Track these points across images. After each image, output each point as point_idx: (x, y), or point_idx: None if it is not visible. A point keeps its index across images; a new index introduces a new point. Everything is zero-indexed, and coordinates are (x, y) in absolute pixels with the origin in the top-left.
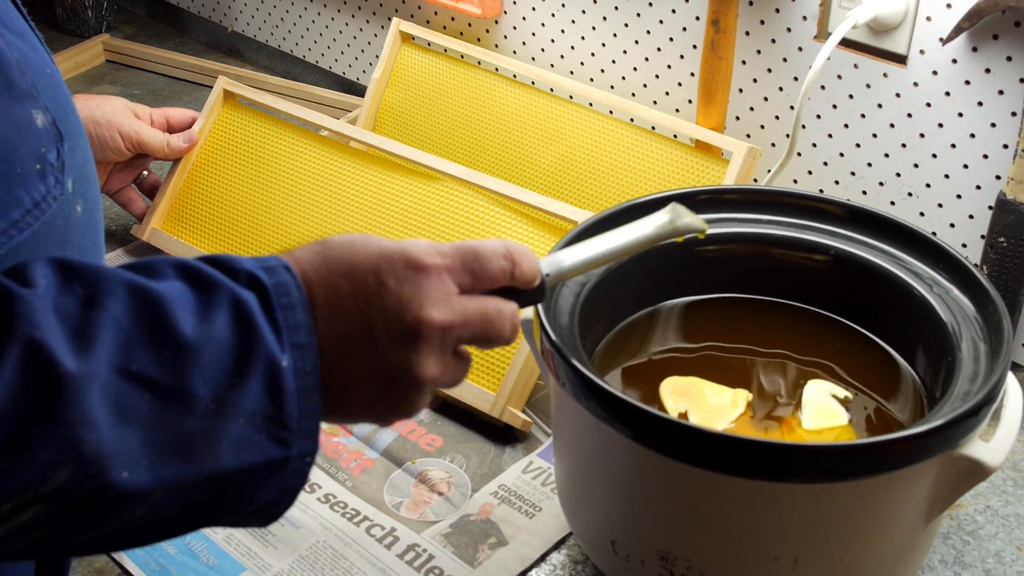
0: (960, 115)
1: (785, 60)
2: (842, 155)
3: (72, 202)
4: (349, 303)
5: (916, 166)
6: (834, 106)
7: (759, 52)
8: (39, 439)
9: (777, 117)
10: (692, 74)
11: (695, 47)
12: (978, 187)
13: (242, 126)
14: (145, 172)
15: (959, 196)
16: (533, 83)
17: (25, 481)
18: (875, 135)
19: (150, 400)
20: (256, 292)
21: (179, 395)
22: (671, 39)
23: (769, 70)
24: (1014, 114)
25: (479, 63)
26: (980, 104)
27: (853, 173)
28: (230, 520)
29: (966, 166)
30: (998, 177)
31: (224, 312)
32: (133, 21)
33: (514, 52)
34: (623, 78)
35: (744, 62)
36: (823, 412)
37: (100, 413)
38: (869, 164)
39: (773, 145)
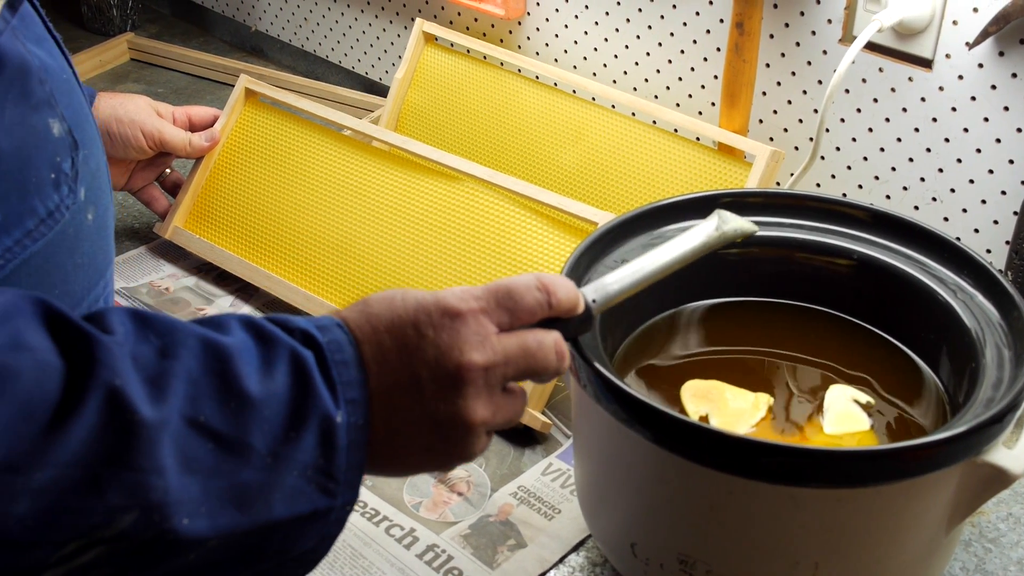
0: (986, 120)
1: (809, 63)
2: (866, 159)
3: (84, 210)
4: (394, 357)
5: (941, 171)
6: (858, 110)
7: (783, 55)
8: (111, 483)
9: (801, 120)
10: (715, 76)
11: (719, 49)
12: (1003, 192)
13: (264, 125)
14: (168, 170)
15: (984, 201)
16: (556, 84)
17: (93, 523)
18: (899, 139)
19: (213, 451)
20: (312, 350)
21: (240, 447)
22: (695, 41)
23: (793, 73)
24: None
25: (502, 64)
26: (1006, 109)
27: (877, 177)
28: (270, 567)
29: (991, 171)
30: (1023, 183)
31: (284, 368)
32: (157, 20)
33: (537, 53)
34: (646, 80)
35: (768, 65)
36: (844, 417)
37: (169, 461)
38: (893, 168)
39: (796, 148)
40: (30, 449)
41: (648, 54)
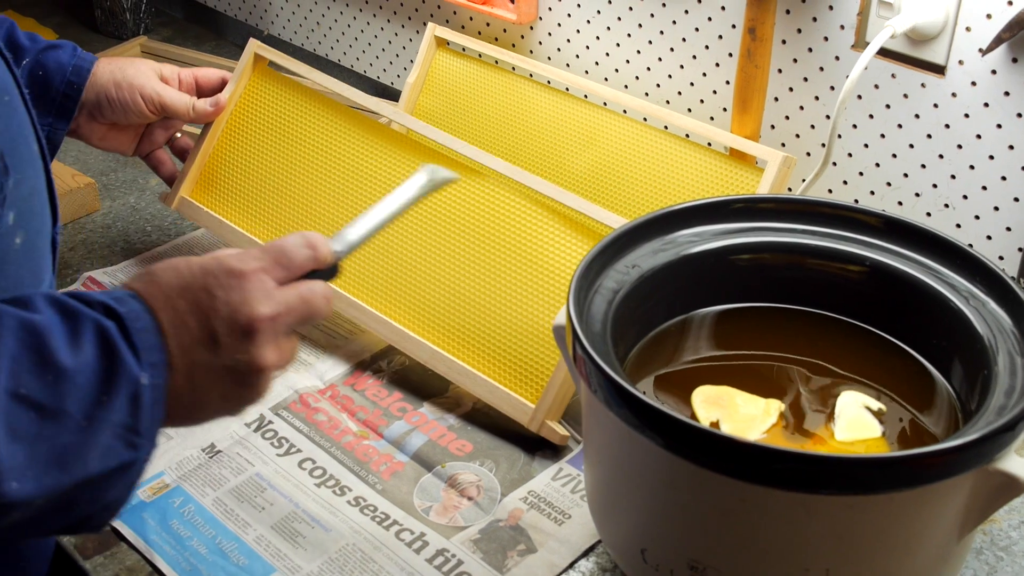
0: (999, 126)
1: (822, 69)
2: (878, 165)
3: (11, 235)
4: (190, 319)
5: (953, 177)
6: (871, 116)
7: (795, 61)
8: None
9: (813, 126)
10: (727, 82)
11: (731, 55)
12: (1016, 199)
13: (275, 95)
14: (178, 134)
15: (996, 208)
16: (567, 89)
17: None
18: (912, 145)
19: (35, 419)
20: (114, 320)
21: (58, 414)
22: (707, 47)
23: (805, 79)
24: None
25: (513, 69)
26: (1019, 115)
27: (889, 184)
28: (81, 516)
29: (1004, 178)
30: None
31: (91, 339)
32: (170, 24)
33: (548, 58)
34: (658, 85)
35: (780, 71)
36: (856, 424)
37: None
38: (905, 175)
39: (808, 154)
40: None
41: (660, 59)
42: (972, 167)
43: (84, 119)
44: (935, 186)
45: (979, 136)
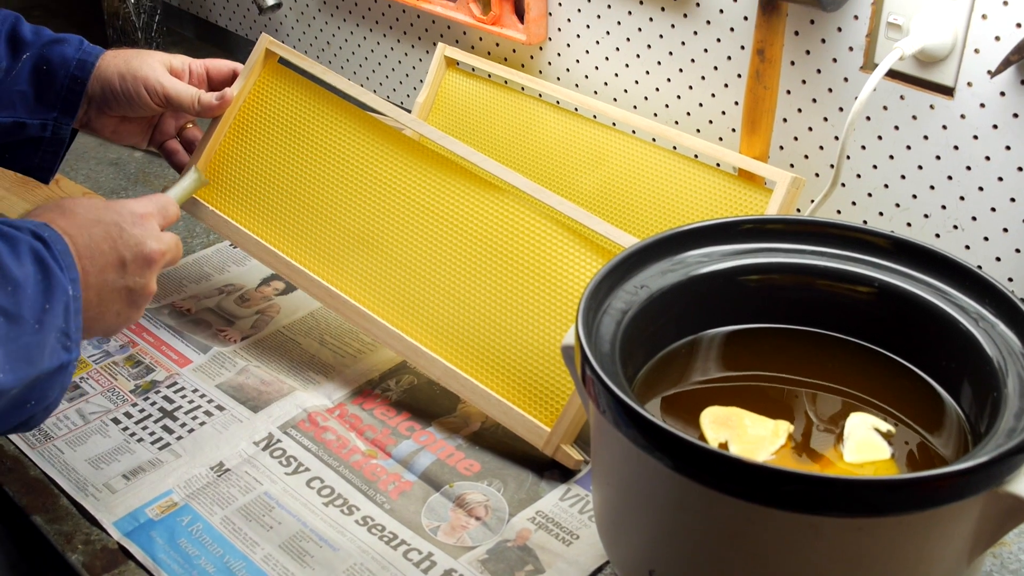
0: (1008, 148)
1: (830, 90)
2: (887, 186)
3: None
4: (104, 245)
5: (962, 199)
6: (879, 137)
7: (804, 82)
8: None
9: (821, 147)
10: (736, 103)
11: (739, 76)
12: None
13: (284, 92)
14: (189, 125)
15: (1005, 230)
16: (576, 109)
17: None
18: (921, 167)
19: (3, 323)
20: (40, 242)
21: (18, 319)
22: (715, 68)
23: (814, 100)
24: None
25: (523, 89)
26: None
27: (898, 205)
28: (27, 417)
29: (1013, 199)
30: None
31: (28, 257)
32: (181, 42)
33: (558, 79)
34: (667, 106)
35: (789, 92)
36: (865, 445)
37: None
38: (914, 196)
39: (817, 175)
40: None
41: (669, 80)
42: (981, 188)
43: (94, 113)
44: (944, 207)
45: (988, 158)
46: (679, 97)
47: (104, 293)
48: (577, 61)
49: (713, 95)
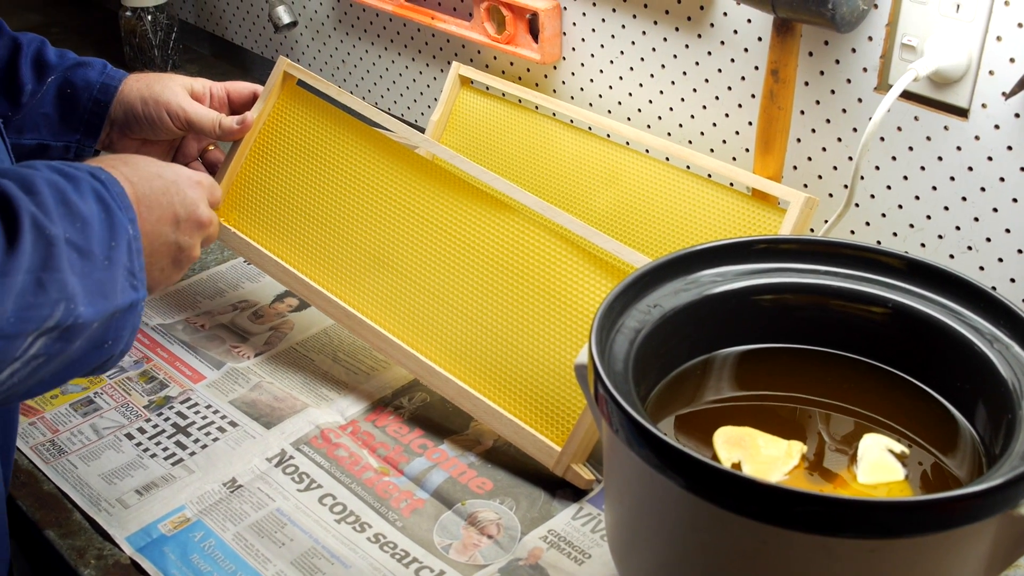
0: (1022, 169)
1: (844, 111)
2: (901, 207)
3: None
4: (163, 197)
5: (976, 220)
6: (893, 158)
7: (818, 102)
8: (49, 283)
9: (835, 168)
10: (750, 123)
11: (753, 96)
12: None
13: (302, 114)
14: (210, 147)
15: (1020, 251)
16: (590, 128)
17: (44, 315)
18: (935, 188)
19: (77, 259)
20: (100, 183)
21: (90, 254)
22: (729, 88)
23: (828, 120)
24: None
25: (536, 108)
26: None
27: (912, 225)
28: (104, 357)
29: None
30: None
31: (91, 196)
32: (198, 60)
33: (572, 97)
34: (680, 125)
35: (803, 112)
36: (879, 467)
37: (66, 265)
38: (928, 217)
39: (831, 195)
40: (4, 260)
41: (683, 99)
42: (995, 210)
43: (116, 135)
44: (958, 228)
45: (1002, 179)
46: (693, 117)
47: (155, 244)
48: (591, 80)
49: (727, 115)
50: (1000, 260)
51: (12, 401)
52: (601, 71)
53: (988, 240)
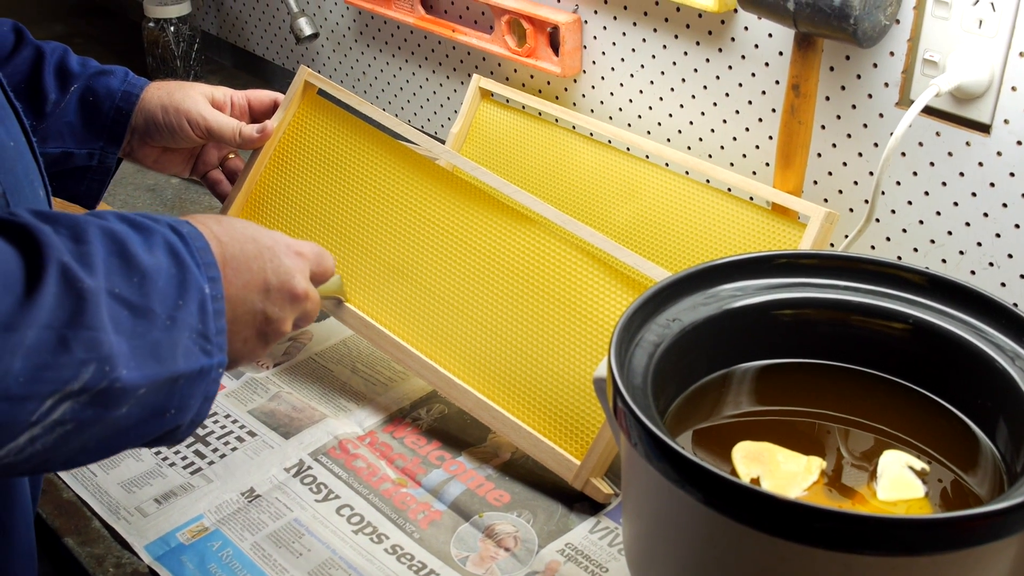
0: None
1: (865, 126)
2: (922, 223)
3: None
4: (253, 262)
5: (998, 236)
6: (914, 173)
7: (839, 117)
8: (75, 341)
9: (856, 183)
10: (770, 137)
11: (774, 111)
12: None
13: (323, 123)
14: (231, 155)
15: None
16: (610, 142)
17: (66, 377)
18: (956, 203)
19: (129, 316)
20: (177, 236)
21: (147, 312)
22: (750, 102)
23: (849, 135)
24: None
25: (556, 120)
26: None
27: (933, 241)
28: (169, 427)
29: None
30: None
31: (161, 249)
32: (219, 71)
33: (592, 111)
34: (700, 139)
35: (824, 127)
36: (899, 483)
37: (107, 322)
38: (949, 232)
39: (851, 210)
40: (16, 312)
41: (703, 114)
42: (1017, 226)
43: (136, 143)
44: (980, 244)
45: None
46: (713, 131)
47: (239, 311)
48: (611, 94)
49: (747, 129)
50: (1021, 276)
51: (52, 468)
52: (621, 84)
53: (1010, 256)
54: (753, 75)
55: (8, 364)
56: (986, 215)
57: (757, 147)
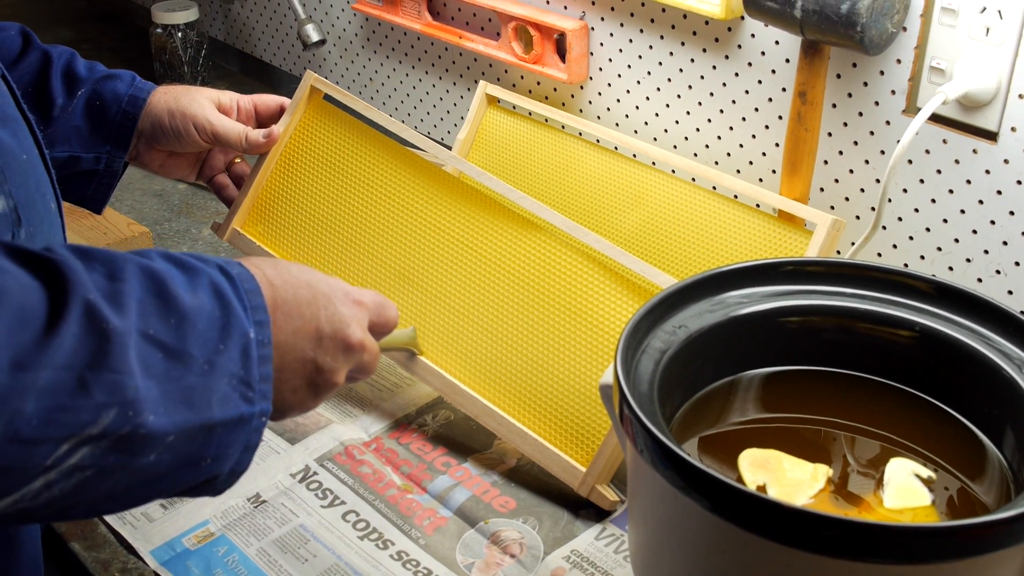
0: None
1: (872, 133)
2: (928, 230)
3: None
4: (306, 308)
5: (1005, 243)
6: (921, 180)
7: (846, 124)
8: (95, 383)
9: (862, 190)
10: (777, 144)
11: (780, 118)
12: None
13: (329, 128)
14: (237, 160)
15: None
16: (616, 148)
17: (83, 420)
18: (963, 211)
19: (163, 359)
20: (225, 277)
21: (183, 356)
22: (756, 109)
23: (855, 143)
24: None
25: (563, 127)
26: None
27: (940, 248)
28: (205, 478)
29: None
30: None
31: (206, 290)
32: (226, 76)
33: (598, 117)
34: (707, 146)
35: (830, 134)
36: (905, 491)
37: (135, 366)
38: (956, 240)
39: (858, 218)
40: (31, 351)
41: (709, 120)
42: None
43: (143, 147)
44: (986, 252)
45: None
46: (719, 138)
47: (288, 359)
48: (618, 100)
49: (754, 136)
50: None
51: (77, 515)
52: (628, 91)
53: (1017, 264)
54: (760, 82)
55: (18, 405)
56: (993, 223)
57: (763, 154)
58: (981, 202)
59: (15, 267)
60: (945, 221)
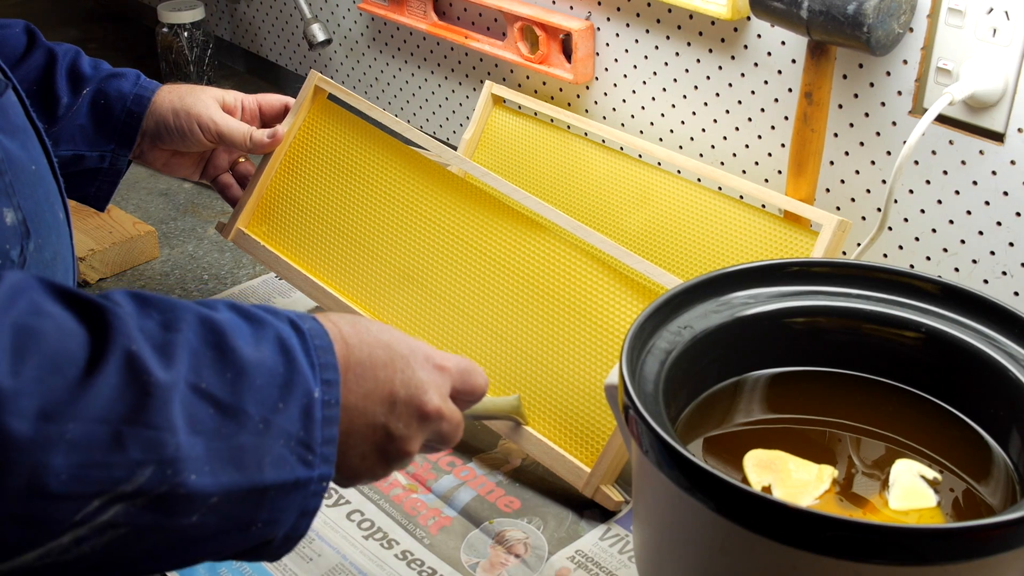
0: None
1: (878, 134)
2: (934, 231)
3: None
4: (381, 371)
5: (1011, 244)
6: (927, 181)
7: (852, 125)
8: (131, 439)
9: (868, 191)
10: (783, 145)
11: (787, 118)
12: None
13: (333, 128)
14: (241, 159)
15: None
16: (622, 149)
17: (116, 477)
18: (969, 212)
19: (214, 415)
20: (295, 332)
21: (237, 412)
22: (762, 110)
23: (862, 143)
24: None
25: (569, 127)
26: None
27: (945, 250)
28: (256, 543)
29: None
30: None
31: (271, 345)
32: (232, 76)
33: (604, 118)
34: (712, 147)
35: (836, 135)
36: (911, 493)
37: (179, 422)
38: (962, 241)
39: (863, 219)
40: (63, 400)
41: (715, 121)
42: None
43: (147, 146)
44: (993, 253)
45: None
46: (725, 138)
47: (357, 423)
48: (623, 101)
49: (760, 137)
50: None
51: (116, 574)
52: (634, 91)
53: (1023, 265)
54: (766, 83)
55: (44, 458)
56: (999, 224)
57: (769, 155)
58: (987, 203)
59: (61, 310)
60: (951, 222)
